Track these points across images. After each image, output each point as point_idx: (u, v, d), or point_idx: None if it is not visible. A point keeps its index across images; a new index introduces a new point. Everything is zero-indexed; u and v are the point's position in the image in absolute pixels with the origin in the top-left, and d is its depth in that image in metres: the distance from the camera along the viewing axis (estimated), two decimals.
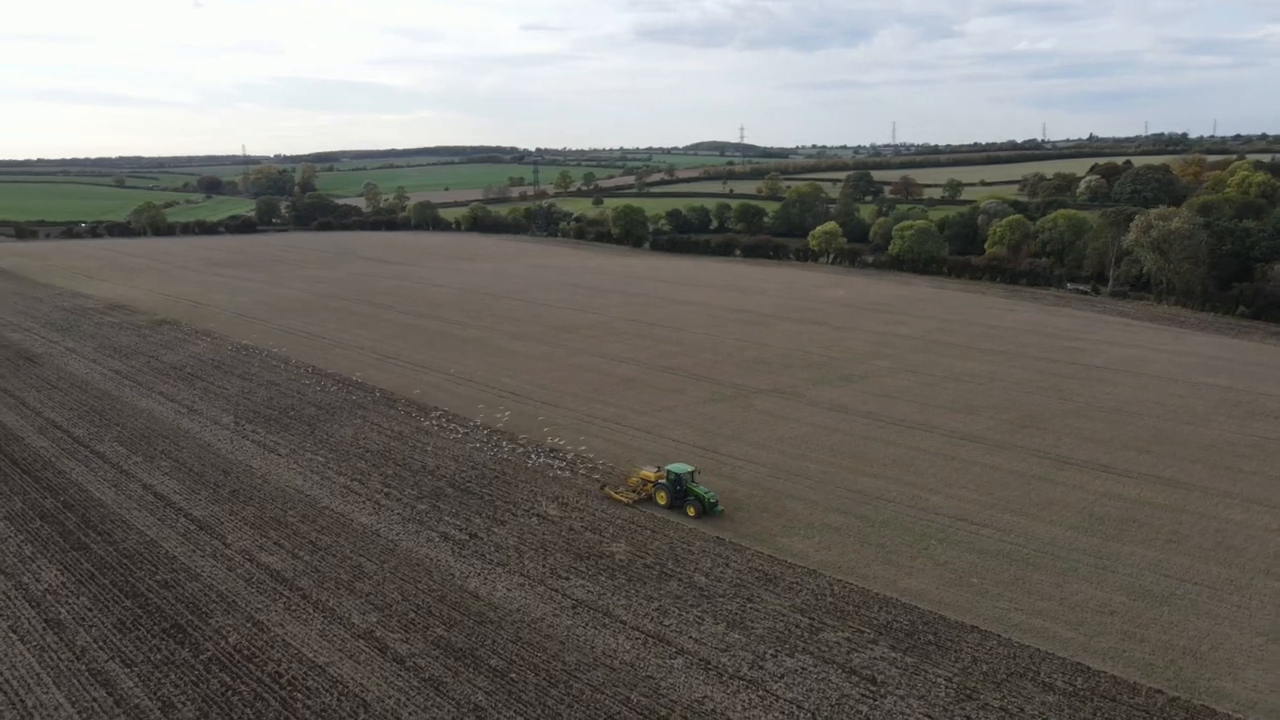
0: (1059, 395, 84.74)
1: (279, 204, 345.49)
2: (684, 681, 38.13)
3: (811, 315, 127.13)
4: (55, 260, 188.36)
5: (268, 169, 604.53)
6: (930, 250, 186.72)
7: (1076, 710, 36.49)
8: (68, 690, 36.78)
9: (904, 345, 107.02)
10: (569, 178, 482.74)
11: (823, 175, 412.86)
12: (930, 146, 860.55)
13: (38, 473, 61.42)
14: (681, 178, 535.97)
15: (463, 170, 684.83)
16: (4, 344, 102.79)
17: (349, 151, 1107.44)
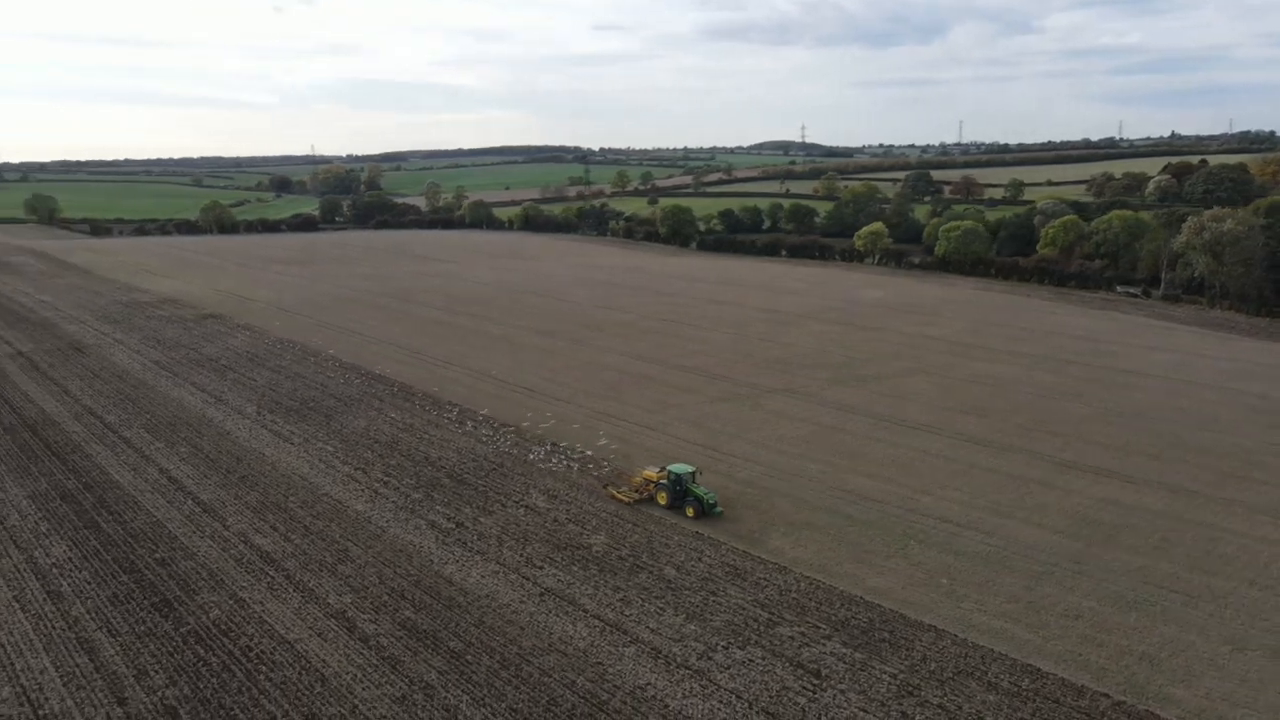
0: (1079, 399, 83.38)
1: (341, 203, 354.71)
2: (631, 668, 39.23)
3: (842, 316, 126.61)
4: (123, 256, 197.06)
5: (335, 168, 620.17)
6: (977, 251, 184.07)
7: (1015, 710, 36.58)
8: (54, 656, 39.51)
9: (930, 347, 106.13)
10: (626, 177, 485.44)
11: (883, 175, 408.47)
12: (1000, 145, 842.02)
13: (66, 455, 65.22)
14: (739, 177, 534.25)
15: (525, 170, 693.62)
16: (59, 335, 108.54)
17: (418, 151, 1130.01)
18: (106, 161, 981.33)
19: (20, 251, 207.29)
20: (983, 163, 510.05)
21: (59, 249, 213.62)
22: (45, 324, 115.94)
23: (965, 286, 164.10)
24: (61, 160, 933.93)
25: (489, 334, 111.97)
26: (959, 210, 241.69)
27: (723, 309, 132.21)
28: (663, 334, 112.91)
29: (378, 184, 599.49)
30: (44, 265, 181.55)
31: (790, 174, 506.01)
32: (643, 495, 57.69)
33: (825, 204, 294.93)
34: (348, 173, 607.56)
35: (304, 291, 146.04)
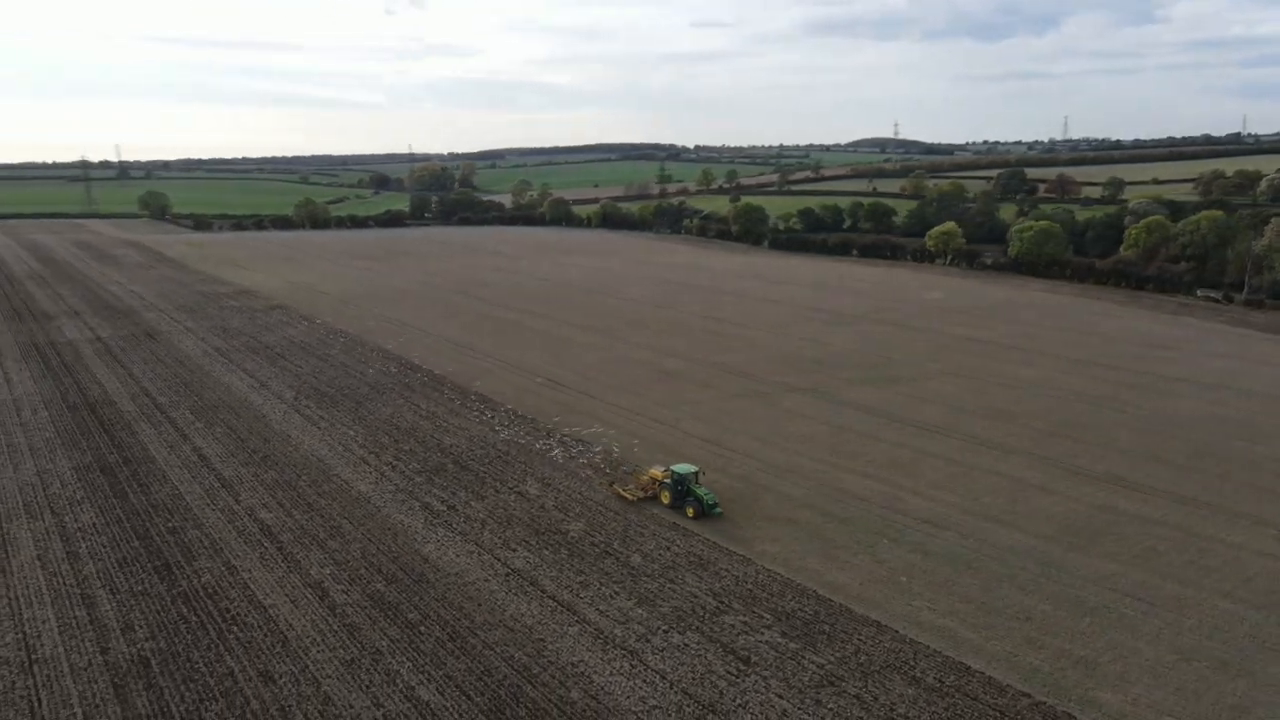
0: (1113, 405, 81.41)
1: (430, 200, 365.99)
2: (569, 646, 41.31)
3: (894, 317, 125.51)
4: (215, 250, 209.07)
5: (431, 166, 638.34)
6: (1052, 252, 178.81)
7: (929, 705, 37.20)
8: (58, 609, 43.98)
9: (972, 349, 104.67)
10: (710, 175, 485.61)
11: (978, 173, 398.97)
12: (1111, 142, 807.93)
13: (115, 432, 71.08)
14: (827, 175, 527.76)
15: (616, 167, 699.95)
16: (137, 322, 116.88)
17: (515, 149, 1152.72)
18: (225, 160, 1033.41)
19: (125, 245, 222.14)
20: (1088, 160, 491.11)
21: (160, 242, 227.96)
22: (128, 312, 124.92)
23: (1034, 288, 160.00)
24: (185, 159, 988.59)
25: (534, 328, 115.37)
26: (1046, 210, 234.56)
27: (773, 308, 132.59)
28: (705, 332, 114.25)
29: (471, 181, 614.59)
30: (142, 257, 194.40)
31: (881, 172, 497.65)
32: (648, 494, 58.44)
33: (909, 203, 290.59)
34: (442, 170, 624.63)
35: (370, 285, 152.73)
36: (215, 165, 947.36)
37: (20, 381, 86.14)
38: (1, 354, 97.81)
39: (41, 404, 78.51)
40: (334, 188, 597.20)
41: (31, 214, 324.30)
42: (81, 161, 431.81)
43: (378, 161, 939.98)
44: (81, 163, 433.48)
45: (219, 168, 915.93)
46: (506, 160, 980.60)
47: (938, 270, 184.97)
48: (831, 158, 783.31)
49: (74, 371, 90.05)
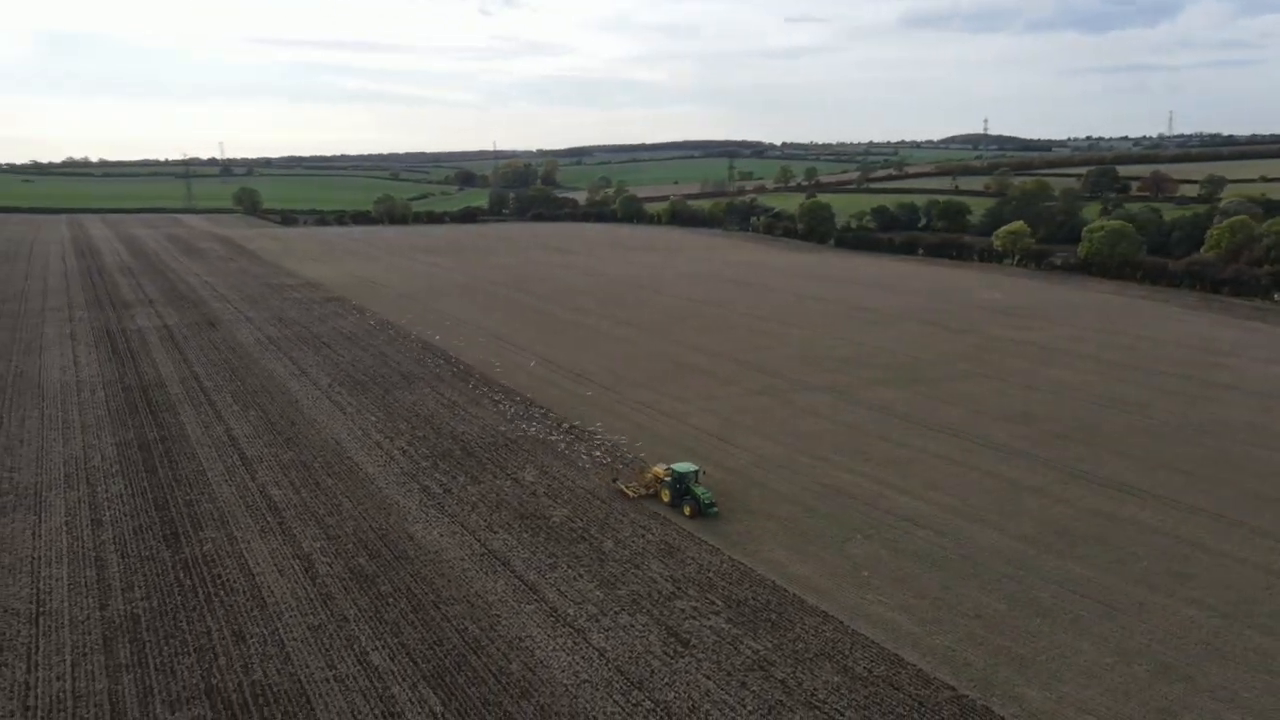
0: (1142, 411, 79.62)
1: (508, 196, 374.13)
2: (521, 622, 43.59)
3: (939, 317, 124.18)
4: (293, 244, 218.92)
5: (515, 163, 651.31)
6: (1124, 253, 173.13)
7: (852, 692, 38.18)
8: (71, 569, 48.45)
9: (1012, 351, 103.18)
10: (789, 172, 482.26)
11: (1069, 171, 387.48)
12: (1223, 137, 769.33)
13: (159, 412, 76.53)
14: (911, 173, 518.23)
15: (700, 164, 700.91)
16: (203, 311, 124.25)
17: (602, 146, 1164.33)
18: (324, 157, 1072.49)
19: (212, 239, 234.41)
20: (1192, 157, 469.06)
21: (244, 236, 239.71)
22: (198, 301, 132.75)
23: (1100, 290, 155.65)
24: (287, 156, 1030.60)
25: (576, 323, 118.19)
26: (1132, 210, 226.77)
27: (819, 306, 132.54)
28: (743, 329, 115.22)
29: (553, 178, 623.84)
30: (224, 251, 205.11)
31: (967, 169, 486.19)
32: (649, 491, 59.00)
33: (989, 201, 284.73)
34: (525, 167, 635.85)
35: (430, 279, 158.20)
36: (314, 162, 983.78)
37: (87, 364, 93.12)
38: (77, 339, 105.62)
39: (101, 385, 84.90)
40: (421, 184, 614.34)
41: (136, 209, 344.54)
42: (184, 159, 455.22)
43: (468, 159, 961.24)
44: (184, 160, 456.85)
45: (317, 165, 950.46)
46: (593, 157, 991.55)
47: (1003, 270, 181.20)
48: (921, 154, 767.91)
49: (136, 356, 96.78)
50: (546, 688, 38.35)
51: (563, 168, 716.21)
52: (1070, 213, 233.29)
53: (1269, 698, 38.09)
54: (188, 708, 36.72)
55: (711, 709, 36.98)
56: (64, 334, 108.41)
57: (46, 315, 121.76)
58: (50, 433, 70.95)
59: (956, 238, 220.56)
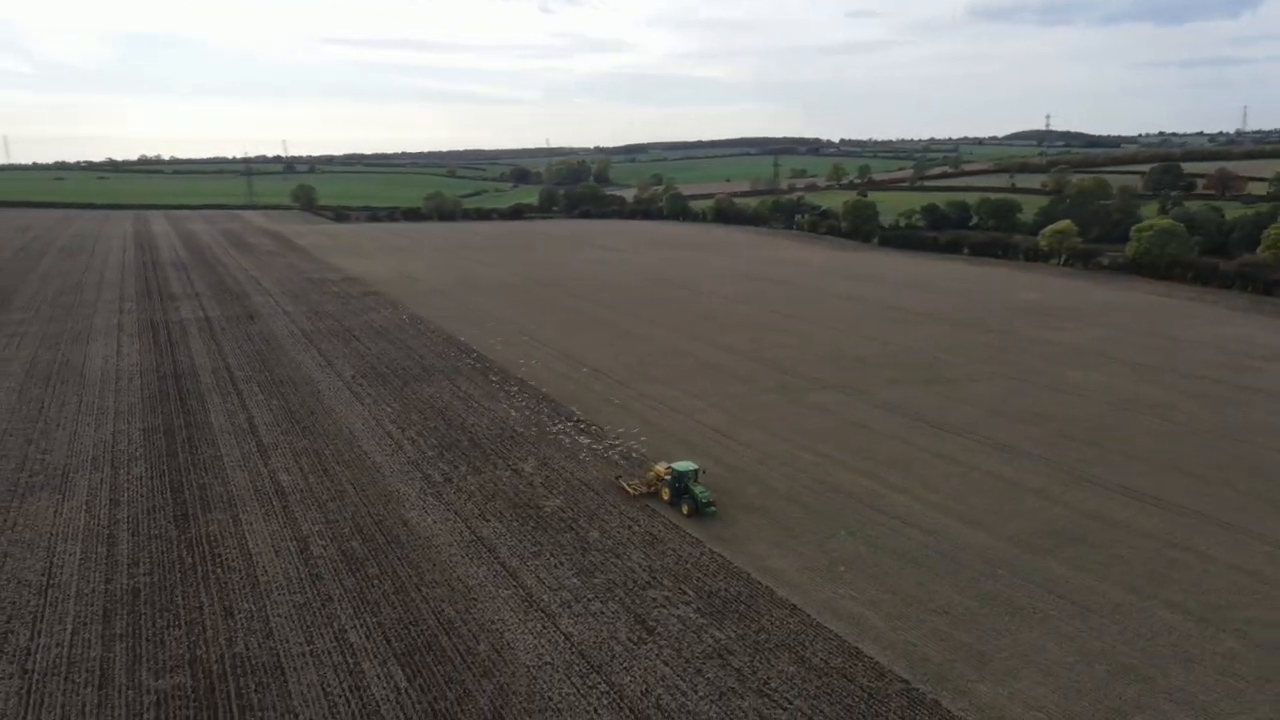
0: (1164, 414, 78.30)
1: (558, 194, 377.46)
2: (495, 606, 45.14)
3: (970, 317, 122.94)
4: (342, 240, 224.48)
5: (568, 160, 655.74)
6: (1174, 253, 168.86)
7: (806, 682, 38.91)
8: (84, 545, 51.41)
9: (1038, 351, 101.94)
10: (842, 170, 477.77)
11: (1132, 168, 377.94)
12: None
13: (188, 400, 79.99)
14: (968, 170, 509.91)
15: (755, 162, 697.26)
16: (244, 305, 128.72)
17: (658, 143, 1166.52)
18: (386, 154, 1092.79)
19: (265, 234, 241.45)
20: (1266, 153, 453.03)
21: (296, 232, 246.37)
22: (241, 295, 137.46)
23: (1146, 291, 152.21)
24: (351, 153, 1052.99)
25: (603, 319, 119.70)
26: (1191, 208, 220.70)
27: (849, 305, 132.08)
28: (768, 327, 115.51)
29: (605, 175, 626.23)
30: (275, 246, 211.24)
31: (1025, 167, 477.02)
32: (651, 489, 59.43)
33: (1038, 200, 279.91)
34: (579, 164, 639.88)
35: (467, 275, 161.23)
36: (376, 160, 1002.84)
37: (128, 354, 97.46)
38: (123, 330, 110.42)
39: (138, 374, 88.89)
40: (476, 181, 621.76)
41: (199, 205, 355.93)
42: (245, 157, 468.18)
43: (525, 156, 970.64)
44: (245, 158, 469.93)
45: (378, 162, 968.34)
46: (648, 154, 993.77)
47: (1048, 270, 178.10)
48: (983, 152, 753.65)
49: (175, 347, 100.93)
50: (509, 668, 39.82)
51: (617, 165, 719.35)
52: (1127, 211, 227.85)
53: (1228, 701, 37.86)
54: (171, 676, 39.00)
55: (664, 693, 38.06)
56: (112, 325, 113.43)
57: (99, 307, 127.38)
58: (85, 418, 74.75)
59: (1002, 237, 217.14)
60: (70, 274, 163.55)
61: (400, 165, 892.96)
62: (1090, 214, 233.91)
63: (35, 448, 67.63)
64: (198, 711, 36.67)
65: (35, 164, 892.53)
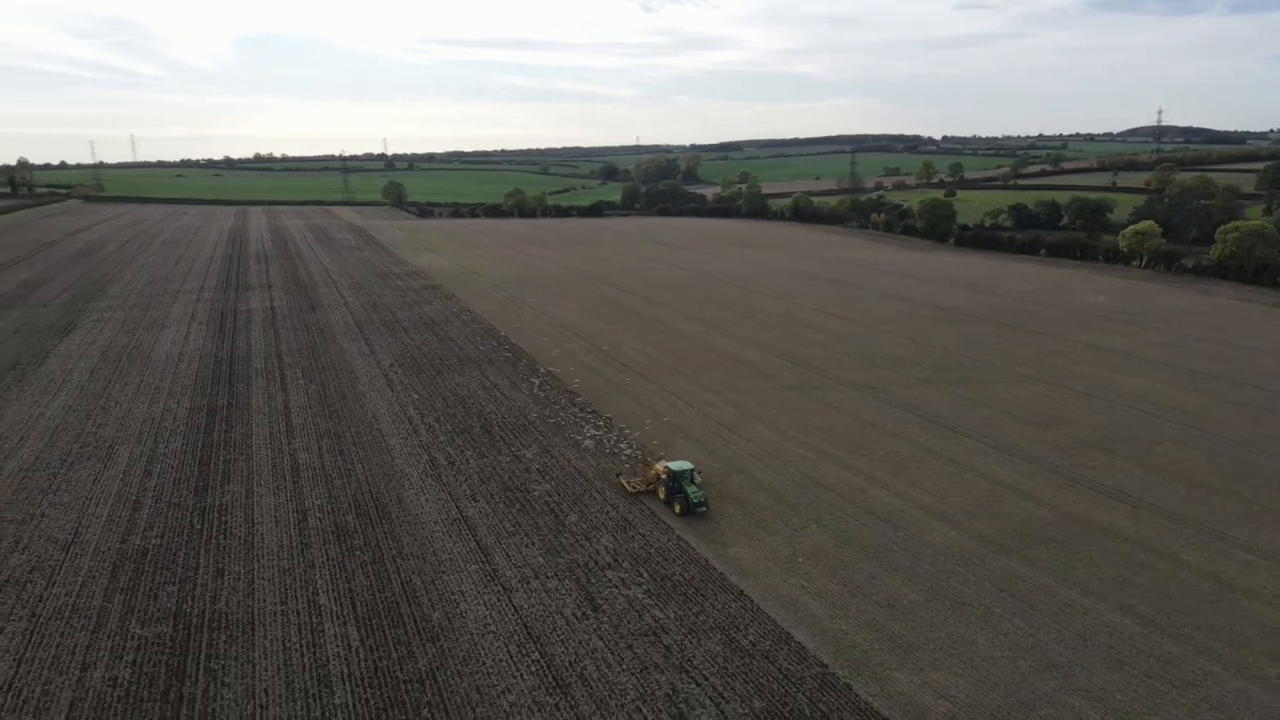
0: (1195, 421, 76.42)
1: (640, 191, 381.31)
2: (459, 578, 48.23)
3: (1023, 319, 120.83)
4: (419, 235, 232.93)
5: (658, 158, 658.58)
6: (1262, 256, 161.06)
7: (726, 663, 40.65)
8: (111, 509, 56.79)
9: (1081, 355, 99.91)
10: (932, 168, 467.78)
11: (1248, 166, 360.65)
12: None
13: (236, 384, 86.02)
14: (1068, 168, 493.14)
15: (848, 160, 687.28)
16: (310, 296, 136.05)
17: (754, 140, 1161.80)
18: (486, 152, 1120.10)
19: (349, 229, 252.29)
20: None
21: (379, 228, 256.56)
22: (310, 286, 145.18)
23: (1227, 295, 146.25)
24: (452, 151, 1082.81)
25: (646, 315, 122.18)
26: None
27: (898, 305, 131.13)
28: (805, 324, 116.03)
29: (694, 173, 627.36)
30: (356, 240, 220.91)
31: (1132, 164, 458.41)
32: (649, 488, 60.24)
33: (1133, 199, 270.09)
34: (668, 161, 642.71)
35: (527, 270, 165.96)
36: (475, 157, 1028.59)
37: (193, 340, 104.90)
38: (193, 317, 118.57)
39: (197, 358, 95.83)
40: (566, 178, 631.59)
41: (298, 201, 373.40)
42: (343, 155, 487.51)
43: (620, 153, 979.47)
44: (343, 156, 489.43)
45: (478, 159, 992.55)
46: (742, 152, 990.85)
47: (1125, 272, 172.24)
48: (1093, 149, 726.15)
49: (236, 334, 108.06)
50: (454, 635, 42.82)
51: (708, 163, 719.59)
52: (1229, 212, 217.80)
53: (1143, 702, 37.98)
54: (155, 625, 43.40)
55: (590, 665, 40.42)
56: (186, 313, 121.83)
57: (179, 296, 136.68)
58: (141, 397, 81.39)
59: (1082, 237, 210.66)
60: (163, 265, 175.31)
61: (497, 163, 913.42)
62: (1187, 214, 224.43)
63: (92, 422, 74.25)
64: (170, 656, 40.87)
65: (160, 162, 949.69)
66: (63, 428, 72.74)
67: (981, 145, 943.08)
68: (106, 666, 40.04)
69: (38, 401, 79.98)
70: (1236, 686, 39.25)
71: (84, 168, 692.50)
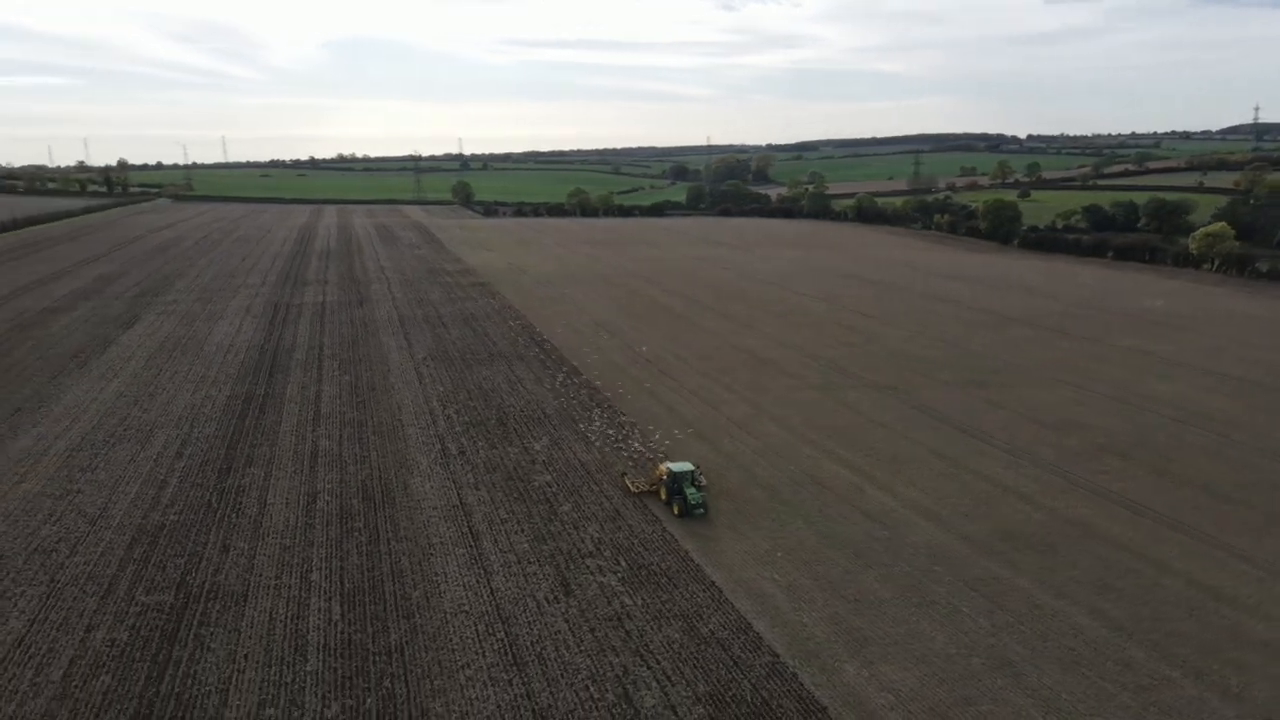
0: (1221, 430, 74.66)
1: (704, 191, 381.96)
2: (445, 561, 50.47)
3: (1068, 323, 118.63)
4: (478, 233, 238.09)
5: (728, 158, 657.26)
6: None
7: (682, 649, 41.91)
8: (139, 486, 60.77)
9: (1123, 361, 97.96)
10: (1008, 168, 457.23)
11: None
12: None
13: (274, 373, 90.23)
14: (1154, 168, 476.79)
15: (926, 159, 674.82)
16: (361, 291, 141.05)
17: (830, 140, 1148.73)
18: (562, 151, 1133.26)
19: (412, 227, 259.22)
20: None
21: (440, 226, 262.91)
22: (363, 283, 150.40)
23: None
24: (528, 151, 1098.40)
25: (678, 312, 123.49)
26: None
27: (936, 306, 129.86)
28: (838, 325, 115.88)
29: (765, 173, 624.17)
30: (417, 238, 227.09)
31: (1223, 164, 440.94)
32: (652, 488, 60.62)
33: (1221, 200, 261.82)
34: (738, 161, 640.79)
35: (573, 269, 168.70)
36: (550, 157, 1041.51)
37: (244, 332, 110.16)
38: (248, 311, 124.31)
39: (244, 349, 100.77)
40: (637, 178, 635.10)
41: (371, 200, 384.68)
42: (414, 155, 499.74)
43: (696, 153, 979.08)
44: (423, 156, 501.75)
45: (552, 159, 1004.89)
46: (818, 151, 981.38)
47: (1194, 276, 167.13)
48: (1189, 147, 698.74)
49: (285, 327, 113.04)
50: (429, 613, 45.05)
51: (781, 163, 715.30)
52: None
53: (1089, 703, 38.03)
54: (158, 594, 46.71)
55: (550, 645, 42.18)
56: (243, 307, 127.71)
57: (240, 291, 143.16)
58: (186, 385, 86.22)
59: (1151, 240, 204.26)
60: (231, 261, 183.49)
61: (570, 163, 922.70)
62: (1274, 217, 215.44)
63: (138, 407, 79.08)
64: (166, 622, 44.04)
65: (249, 162, 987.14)
66: (111, 412, 77.67)
67: (1068, 144, 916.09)
68: (108, 629, 43.38)
69: (93, 387, 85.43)
70: (1192, 693, 38.94)
71: (178, 168, 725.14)
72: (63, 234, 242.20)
